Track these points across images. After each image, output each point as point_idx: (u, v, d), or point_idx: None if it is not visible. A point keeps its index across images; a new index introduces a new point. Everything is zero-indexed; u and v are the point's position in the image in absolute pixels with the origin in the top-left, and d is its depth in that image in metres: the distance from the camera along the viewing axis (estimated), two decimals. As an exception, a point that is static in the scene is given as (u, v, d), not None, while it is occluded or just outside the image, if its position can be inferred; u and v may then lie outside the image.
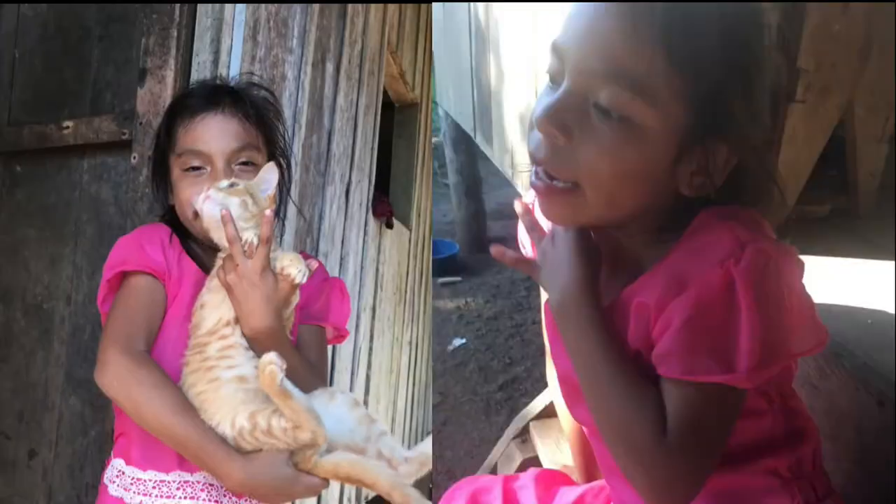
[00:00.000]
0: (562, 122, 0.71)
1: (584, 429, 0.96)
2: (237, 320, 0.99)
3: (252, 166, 1.08)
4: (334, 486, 1.89)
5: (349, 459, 0.94)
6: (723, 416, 0.74)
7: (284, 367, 0.88)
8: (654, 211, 0.78)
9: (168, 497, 0.98)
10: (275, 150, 1.16)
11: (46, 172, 1.55)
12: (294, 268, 0.98)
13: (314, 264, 1.04)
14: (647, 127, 0.69)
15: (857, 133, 1.76)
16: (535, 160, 0.75)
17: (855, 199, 1.87)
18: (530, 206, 0.91)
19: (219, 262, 1.01)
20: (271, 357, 0.87)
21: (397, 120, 3.07)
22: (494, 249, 0.83)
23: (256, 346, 0.99)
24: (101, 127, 1.43)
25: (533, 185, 0.76)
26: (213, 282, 1.01)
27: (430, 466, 0.97)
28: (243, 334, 0.99)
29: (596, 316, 0.77)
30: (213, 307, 0.99)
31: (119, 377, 0.93)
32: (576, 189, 0.73)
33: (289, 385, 0.88)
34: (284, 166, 1.20)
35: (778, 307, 0.70)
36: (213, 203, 0.97)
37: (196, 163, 1.05)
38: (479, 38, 3.37)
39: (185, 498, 0.99)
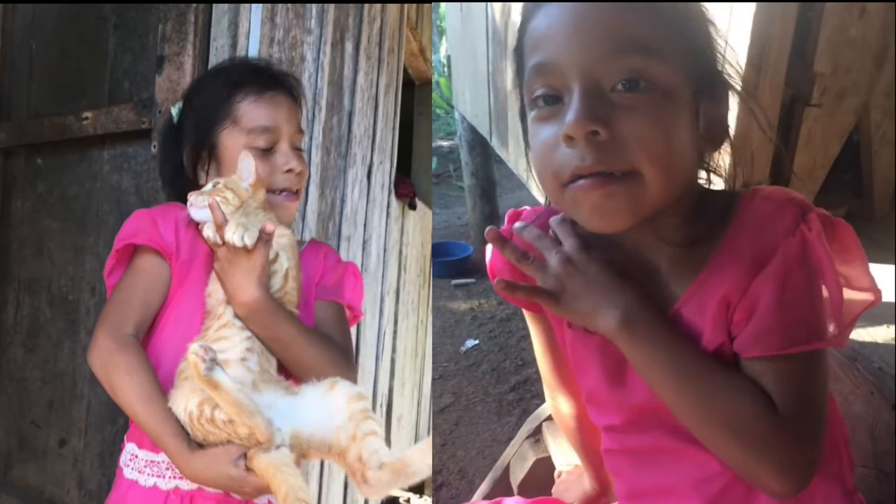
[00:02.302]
0: (597, 115, 0.69)
1: (607, 446, 0.93)
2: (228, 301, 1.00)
3: (300, 151, 1.09)
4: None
5: (268, 461, 0.89)
6: (823, 382, 0.74)
7: (211, 356, 0.86)
8: (687, 196, 0.76)
9: (180, 478, 0.98)
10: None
11: (67, 164, 1.54)
12: (229, 231, 0.95)
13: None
14: (668, 86, 0.70)
15: (872, 137, 1.75)
16: (581, 172, 0.71)
17: (870, 204, 1.86)
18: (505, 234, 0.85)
19: None
20: (194, 347, 0.86)
21: (418, 97, 3.03)
22: (501, 284, 0.77)
23: (251, 323, 0.99)
24: (120, 116, 1.42)
25: (586, 188, 0.71)
26: (213, 273, 1.02)
27: (409, 479, 0.91)
28: (237, 315, 0.99)
29: (667, 322, 0.76)
30: (214, 293, 1.01)
31: (101, 359, 0.95)
32: (634, 175, 0.70)
33: (220, 376, 0.86)
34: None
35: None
36: (196, 209, 0.99)
37: (263, 142, 1.05)
38: (496, 42, 3.35)
39: None
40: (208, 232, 0.97)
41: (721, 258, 0.75)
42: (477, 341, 3.51)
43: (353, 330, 1.97)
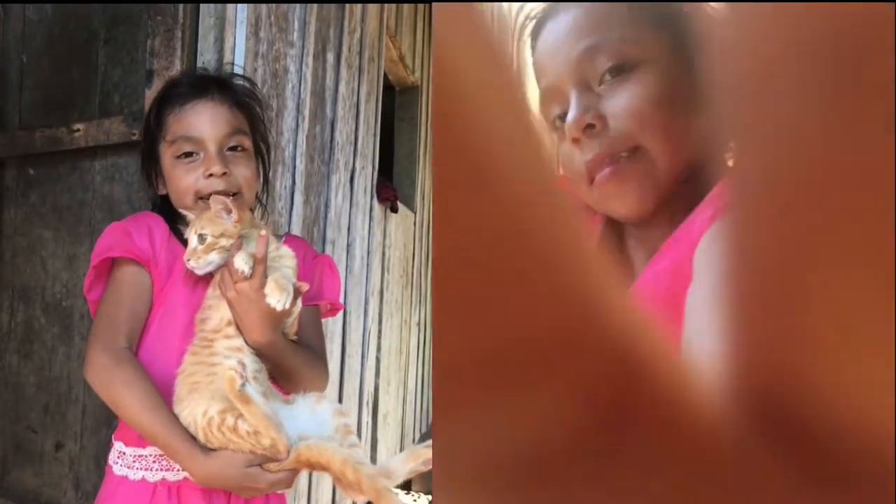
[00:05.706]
0: (588, 108, 0.75)
1: None
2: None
3: (242, 151, 1.10)
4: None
5: (307, 443, 0.95)
6: None
7: (246, 373, 0.91)
8: (707, 172, 0.80)
9: (167, 469, 1.01)
10: (257, 136, 1.19)
11: (59, 174, 1.58)
12: (273, 298, 0.97)
13: (304, 288, 1.03)
14: (649, 59, 0.74)
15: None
16: (594, 166, 0.76)
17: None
18: None
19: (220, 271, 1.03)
20: (232, 363, 0.90)
21: (398, 103, 3.09)
22: None
23: (261, 356, 1.03)
24: (111, 128, 1.46)
25: (603, 181, 0.76)
26: (215, 290, 1.03)
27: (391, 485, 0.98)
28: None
29: None
30: (217, 308, 1.03)
31: (98, 375, 0.98)
32: (639, 151, 0.74)
33: (251, 391, 0.91)
34: (264, 153, 1.21)
35: None
36: (201, 269, 1.01)
37: (188, 148, 1.07)
38: (502, 26, 3.38)
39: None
40: (242, 266, 0.98)
41: None
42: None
43: (339, 330, 2.04)
